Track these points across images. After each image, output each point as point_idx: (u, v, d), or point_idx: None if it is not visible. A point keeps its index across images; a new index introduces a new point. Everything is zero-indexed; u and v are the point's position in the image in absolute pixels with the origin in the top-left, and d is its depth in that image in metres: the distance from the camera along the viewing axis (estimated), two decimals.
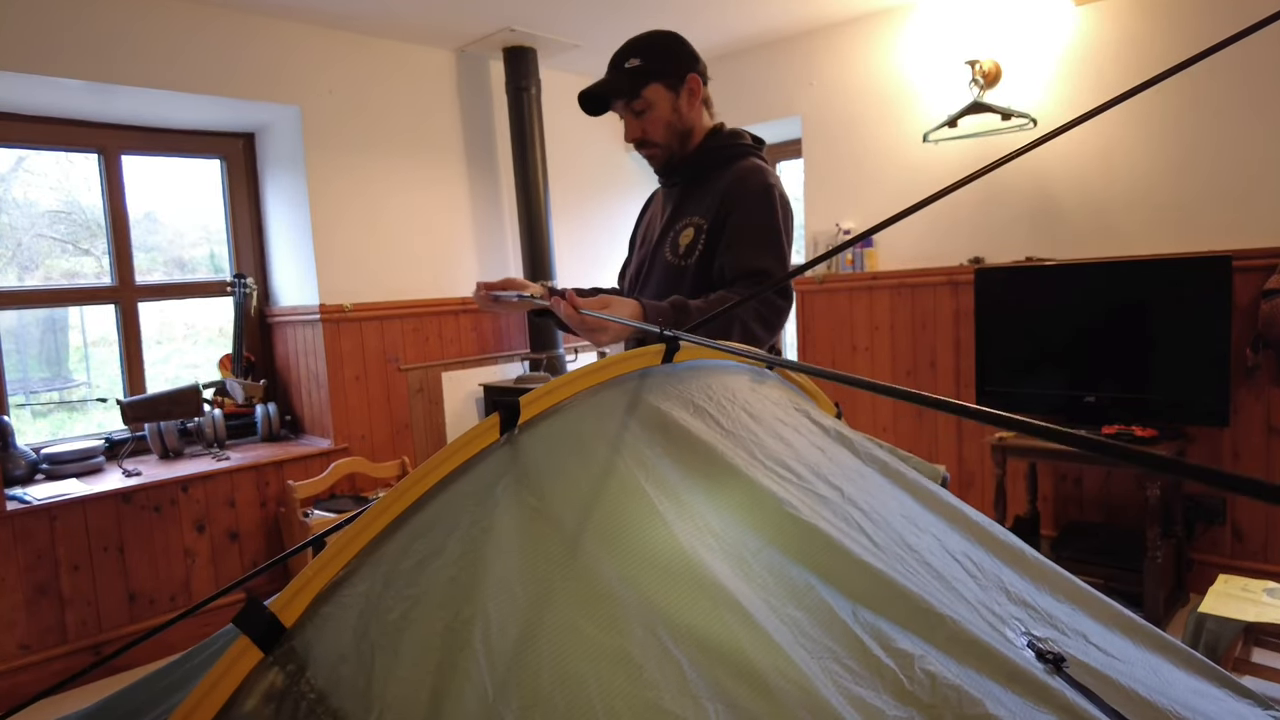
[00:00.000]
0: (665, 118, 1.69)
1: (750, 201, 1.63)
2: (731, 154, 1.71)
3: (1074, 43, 3.18)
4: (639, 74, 1.66)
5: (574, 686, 0.67)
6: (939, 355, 3.63)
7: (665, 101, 1.68)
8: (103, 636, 2.90)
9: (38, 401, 3.43)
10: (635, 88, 1.67)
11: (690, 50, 1.72)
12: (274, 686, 0.72)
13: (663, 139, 1.71)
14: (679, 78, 1.68)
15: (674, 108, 1.69)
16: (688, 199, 1.74)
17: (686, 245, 1.67)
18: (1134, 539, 2.92)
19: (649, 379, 1.03)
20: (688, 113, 1.71)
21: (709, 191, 1.69)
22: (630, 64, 1.66)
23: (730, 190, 1.64)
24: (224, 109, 3.38)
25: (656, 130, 1.70)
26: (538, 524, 0.80)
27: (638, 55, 1.67)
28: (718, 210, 1.65)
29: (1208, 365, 2.75)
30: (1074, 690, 0.84)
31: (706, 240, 1.65)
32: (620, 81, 1.67)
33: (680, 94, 1.69)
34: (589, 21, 3.62)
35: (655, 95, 1.67)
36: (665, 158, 1.75)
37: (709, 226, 1.65)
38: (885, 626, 0.81)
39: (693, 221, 1.69)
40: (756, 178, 1.65)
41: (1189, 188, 2.98)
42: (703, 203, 1.69)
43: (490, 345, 4.15)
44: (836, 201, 3.92)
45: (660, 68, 1.67)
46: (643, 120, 1.70)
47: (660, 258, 1.74)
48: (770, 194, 1.63)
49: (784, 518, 0.89)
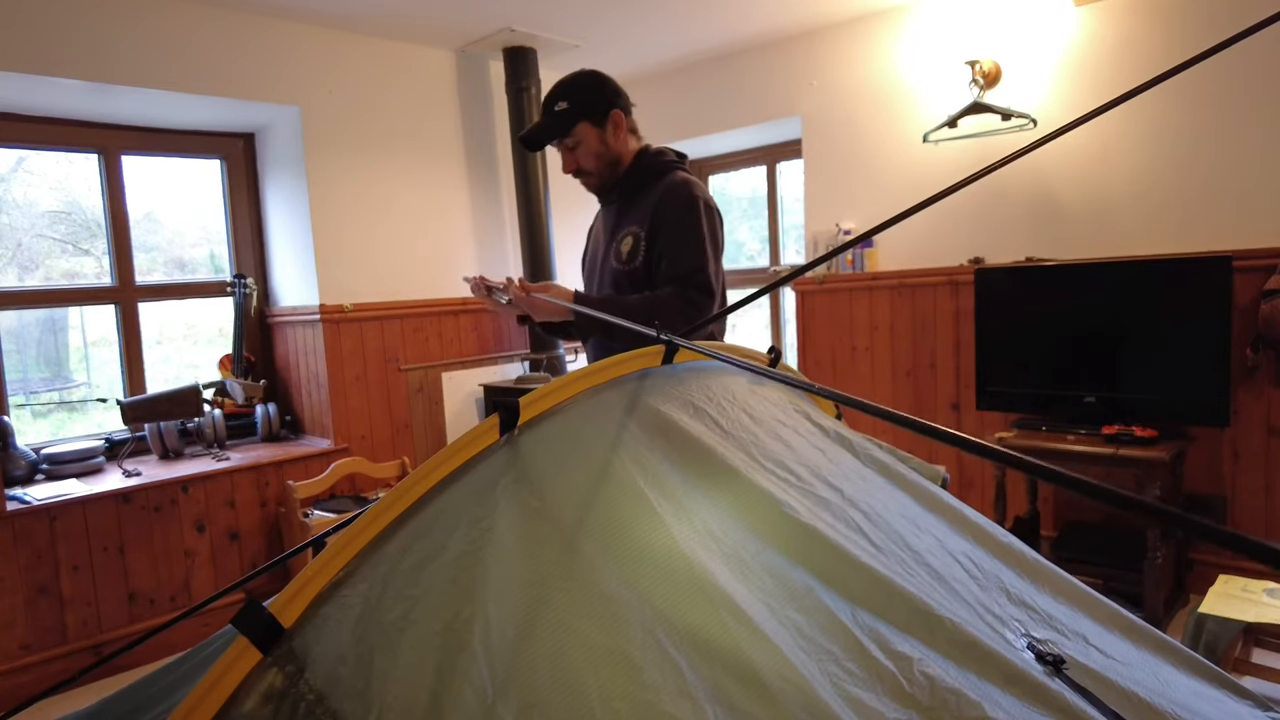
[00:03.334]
0: (594, 149, 1.91)
1: (678, 211, 1.84)
2: (659, 170, 1.93)
3: (1074, 43, 3.18)
4: (566, 116, 1.88)
5: (573, 687, 0.67)
6: (939, 355, 3.63)
7: (593, 136, 1.90)
8: (103, 636, 2.90)
9: (38, 402, 3.43)
10: (565, 127, 1.89)
11: (612, 88, 1.93)
12: (273, 687, 0.72)
13: (594, 168, 1.93)
14: (603, 114, 1.89)
15: (601, 140, 1.90)
16: (625, 213, 1.96)
17: (628, 252, 1.89)
18: (1134, 539, 2.92)
19: (649, 380, 1.03)
20: (614, 143, 1.92)
21: (642, 205, 1.91)
22: (559, 107, 1.88)
23: (661, 202, 1.86)
24: (224, 109, 3.38)
25: (588, 161, 1.92)
26: (537, 525, 0.80)
27: (564, 99, 1.88)
28: (651, 220, 1.86)
29: (1208, 365, 2.75)
30: (1073, 692, 0.84)
31: (646, 246, 1.86)
32: (551, 124, 1.90)
33: (605, 128, 1.90)
34: (589, 22, 3.62)
35: (583, 133, 1.89)
36: (599, 183, 1.97)
37: (645, 234, 1.87)
38: (884, 629, 0.81)
39: (631, 231, 1.90)
40: (683, 190, 1.86)
41: (1189, 188, 2.98)
42: (637, 215, 1.91)
43: (490, 345, 4.15)
44: (836, 202, 3.92)
45: (585, 109, 1.88)
46: (575, 154, 1.92)
47: (608, 265, 1.95)
48: (695, 204, 1.84)
49: (783, 519, 0.89)
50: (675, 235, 1.83)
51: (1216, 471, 2.99)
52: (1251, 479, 2.92)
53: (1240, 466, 2.94)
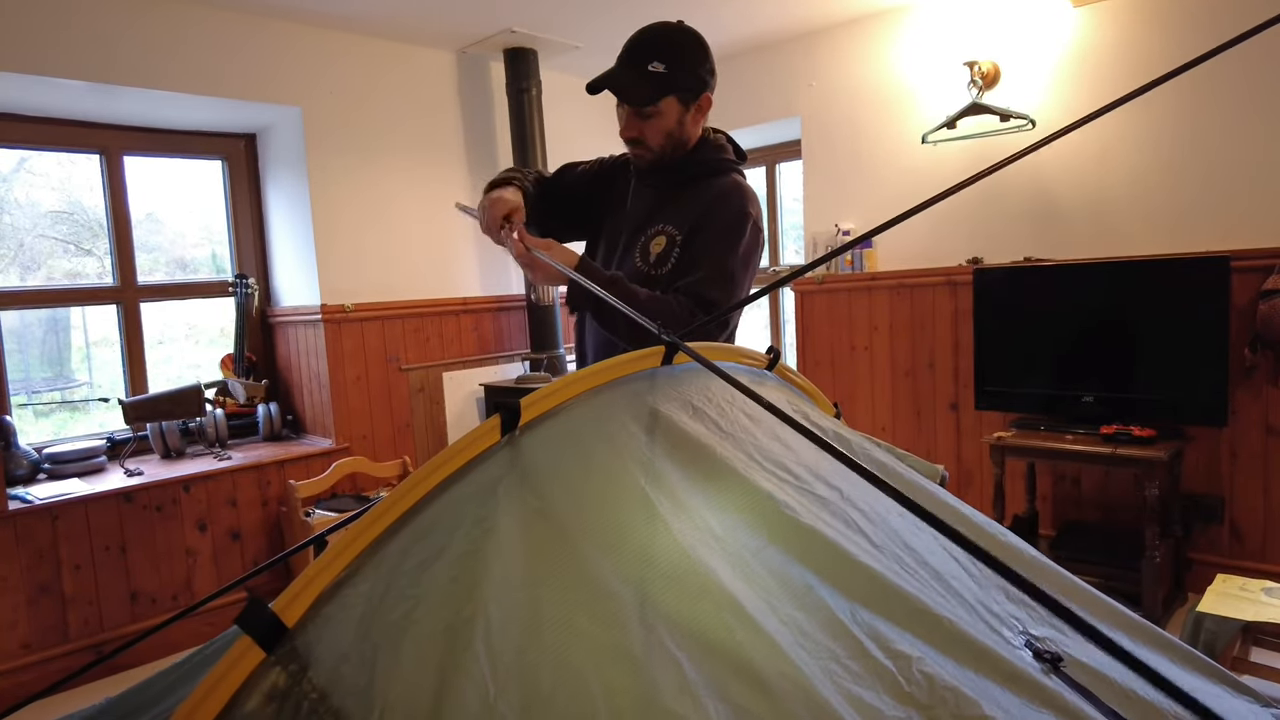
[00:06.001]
0: (669, 128, 1.63)
1: (722, 228, 1.60)
2: (715, 168, 1.68)
3: (1072, 44, 3.18)
4: (660, 82, 1.57)
5: (575, 686, 0.67)
6: (938, 355, 3.63)
7: (675, 114, 1.62)
8: (104, 636, 2.91)
9: (40, 401, 3.43)
10: (654, 95, 1.58)
11: (712, 63, 1.65)
12: (276, 686, 0.73)
13: (659, 146, 1.65)
14: (696, 94, 1.62)
15: (680, 121, 1.63)
16: (665, 204, 1.69)
17: (658, 255, 1.63)
18: (1132, 538, 2.93)
19: (649, 381, 1.03)
20: (691, 127, 1.66)
21: (687, 204, 1.65)
22: (654, 68, 1.56)
23: (709, 210, 1.62)
24: (225, 110, 3.39)
25: (656, 137, 1.64)
26: (539, 525, 0.80)
27: (663, 60, 1.56)
28: (693, 225, 1.62)
29: (1206, 365, 2.75)
30: (1071, 690, 0.85)
31: (680, 254, 1.61)
32: (639, 84, 1.58)
33: (690, 109, 1.63)
34: (589, 22, 3.62)
35: (668, 106, 1.61)
36: (653, 161, 1.68)
37: (682, 239, 1.62)
38: (884, 627, 0.82)
39: (666, 231, 1.65)
40: (735, 203, 1.62)
41: (1187, 188, 2.98)
42: (680, 213, 1.65)
43: (491, 345, 4.16)
44: (836, 202, 3.93)
45: (681, 81, 1.59)
46: (645, 123, 1.62)
47: (629, 259, 1.69)
48: (744, 223, 1.60)
49: (783, 519, 0.89)
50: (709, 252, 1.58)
51: (1214, 471, 2.99)
52: (1250, 478, 2.92)
53: (1238, 466, 2.94)
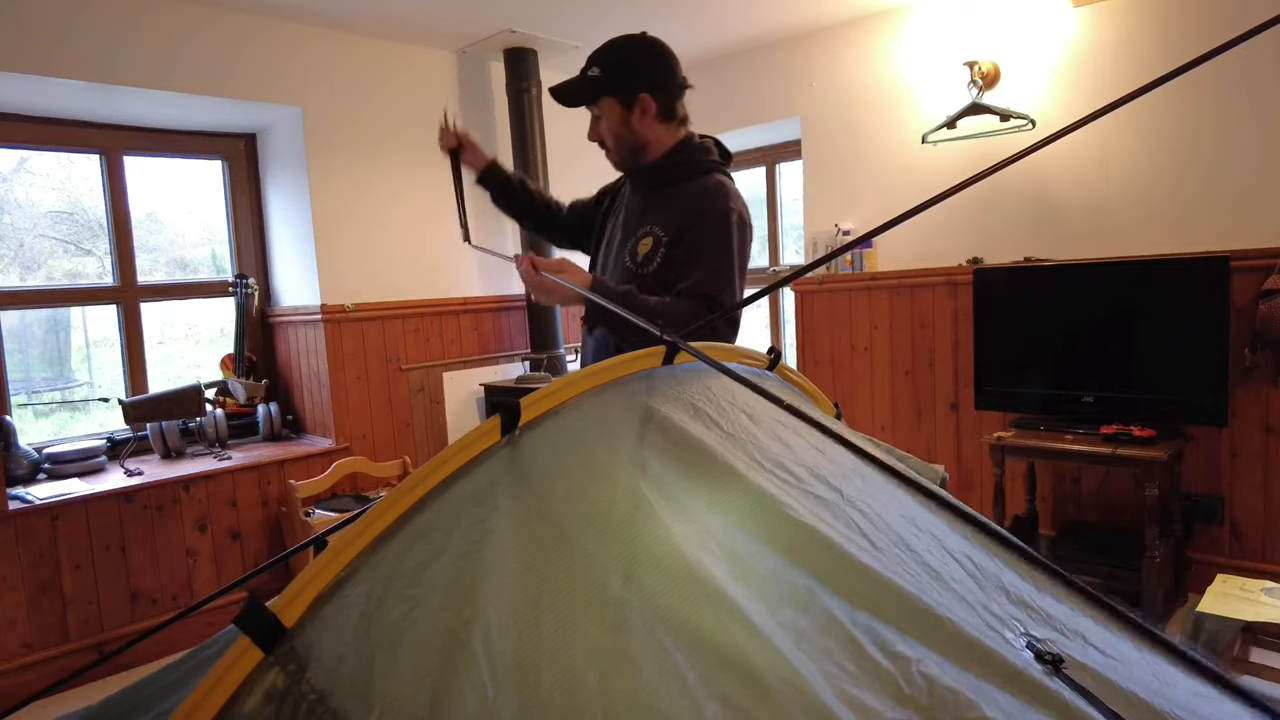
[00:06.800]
0: (614, 129, 1.74)
1: (708, 225, 1.66)
2: (697, 169, 1.74)
3: (1072, 44, 3.18)
4: (594, 84, 1.71)
5: (573, 687, 0.67)
6: (938, 355, 3.63)
7: (616, 114, 1.72)
8: (104, 636, 2.91)
9: (40, 401, 3.43)
10: (590, 96, 1.73)
11: (655, 66, 1.73)
12: (274, 686, 0.72)
13: (613, 146, 1.77)
14: (631, 95, 1.70)
15: (624, 121, 1.72)
16: (651, 207, 1.77)
17: (645, 254, 1.71)
18: (1132, 538, 2.92)
19: (649, 381, 1.03)
20: (639, 128, 1.73)
21: (671, 204, 1.72)
22: (591, 72, 1.71)
23: (691, 209, 1.68)
24: (225, 110, 3.39)
25: (608, 137, 1.76)
26: (538, 525, 0.80)
27: (599, 64, 1.71)
28: (679, 226, 1.68)
29: (1206, 365, 2.75)
30: (1072, 691, 0.85)
31: (665, 253, 1.68)
32: (579, 86, 1.73)
33: (632, 110, 1.71)
34: (589, 23, 3.62)
35: (607, 107, 1.73)
36: (618, 161, 1.81)
37: (668, 240, 1.68)
38: (883, 629, 0.82)
39: (652, 231, 1.72)
40: (718, 201, 1.68)
41: (1187, 188, 2.98)
42: (664, 214, 1.72)
43: (491, 345, 4.16)
44: (836, 202, 3.92)
45: (613, 82, 1.70)
46: (597, 125, 1.77)
47: (621, 260, 1.78)
48: (728, 219, 1.66)
49: (783, 520, 0.89)
50: (703, 251, 1.65)
51: (1215, 471, 2.99)
52: (1249, 478, 2.92)
53: (1238, 466, 2.94)
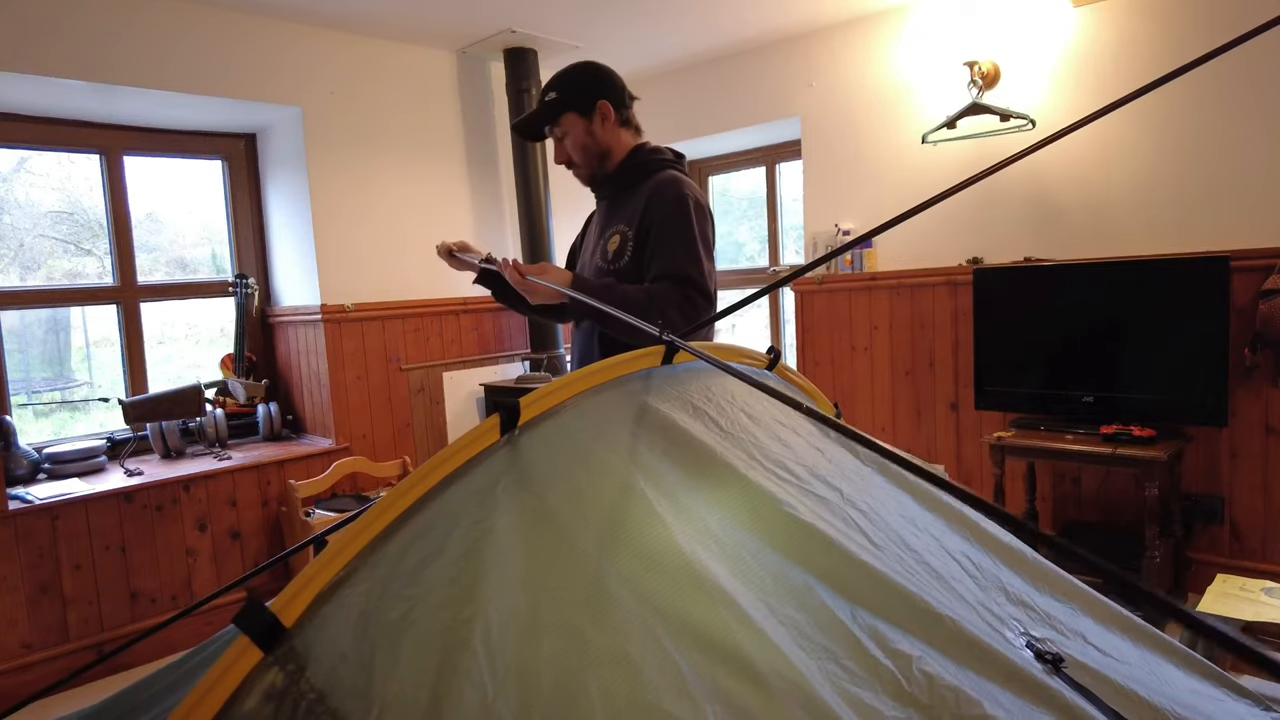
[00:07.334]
0: (580, 141, 1.89)
1: (668, 210, 1.80)
2: (650, 168, 1.89)
3: (1072, 44, 3.18)
4: (554, 105, 1.88)
5: (573, 686, 0.67)
6: (938, 355, 3.63)
7: (579, 128, 1.88)
8: (104, 635, 2.91)
9: (40, 401, 3.43)
10: (552, 116, 1.89)
11: (604, 79, 1.91)
12: (274, 686, 0.72)
13: (581, 160, 1.92)
14: (590, 105, 1.87)
15: (588, 131, 1.89)
16: (614, 210, 1.93)
17: (615, 251, 1.86)
18: (1132, 538, 2.92)
19: (649, 381, 1.03)
20: (601, 135, 1.89)
21: (631, 203, 1.87)
22: (549, 97, 1.88)
23: (650, 201, 1.82)
24: (225, 110, 3.39)
25: (576, 152, 1.91)
26: (537, 525, 0.80)
27: (554, 89, 1.88)
28: (641, 218, 1.82)
29: (1206, 365, 2.75)
30: (1072, 690, 0.85)
31: (634, 245, 1.83)
32: (540, 112, 1.90)
33: (592, 119, 1.88)
34: (589, 22, 3.62)
35: (570, 123, 1.89)
36: (588, 175, 1.96)
37: (634, 233, 1.83)
38: (884, 627, 0.82)
39: (619, 230, 1.87)
40: (673, 188, 1.82)
41: (1187, 188, 2.98)
42: (626, 213, 1.88)
43: (491, 345, 4.16)
44: (836, 202, 3.92)
45: (571, 99, 1.87)
46: (563, 145, 1.92)
47: (594, 263, 1.94)
48: (685, 202, 1.80)
49: (783, 519, 0.89)
50: (667, 235, 1.79)
51: (1214, 471, 2.99)
52: (1249, 478, 2.92)
53: (1238, 466, 2.94)
